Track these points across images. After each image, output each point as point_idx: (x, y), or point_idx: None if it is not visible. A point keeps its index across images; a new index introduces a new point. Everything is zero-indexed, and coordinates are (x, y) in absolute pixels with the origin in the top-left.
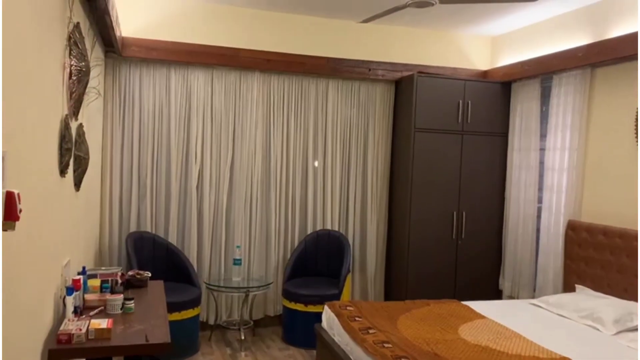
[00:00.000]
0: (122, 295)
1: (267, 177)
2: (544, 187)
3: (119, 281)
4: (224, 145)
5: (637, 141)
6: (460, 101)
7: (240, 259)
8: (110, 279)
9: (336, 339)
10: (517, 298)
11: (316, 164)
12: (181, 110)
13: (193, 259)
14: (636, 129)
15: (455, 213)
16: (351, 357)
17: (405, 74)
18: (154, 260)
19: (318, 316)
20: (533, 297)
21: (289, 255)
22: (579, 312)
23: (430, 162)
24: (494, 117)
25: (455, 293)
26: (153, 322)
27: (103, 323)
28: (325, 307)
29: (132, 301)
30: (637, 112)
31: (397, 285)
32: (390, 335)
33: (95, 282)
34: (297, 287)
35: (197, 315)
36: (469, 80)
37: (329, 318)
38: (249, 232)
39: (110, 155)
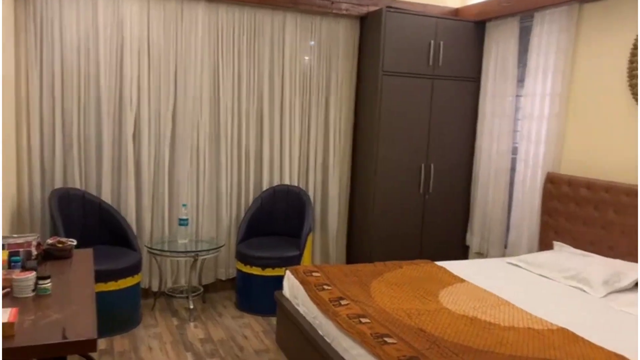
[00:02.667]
0: (34, 273)
1: (216, 126)
2: (520, 137)
3: (34, 252)
4: (165, 89)
5: (630, 87)
6: (432, 42)
7: (186, 219)
8: (21, 250)
9: (301, 309)
10: (487, 255)
11: (259, 113)
12: (112, 46)
13: (131, 220)
14: (629, 72)
15: (423, 166)
16: (320, 332)
17: (372, 8)
18: (84, 222)
19: (277, 280)
20: (504, 255)
21: (242, 214)
22: (563, 273)
23: (399, 110)
24: (466, 60)
25: (421, 250)
26: (75, 308)
27: (4, 314)
28: (287, 273)
29: (49, 280)
30: (634, 48)
31: (361, 244)
32: (366, 306)
33: (1, 255)
34: (252, 248)
35: (138, 284)
36: (441, 18)
37: (292, 286)
38: (196, 188)
39: (27, 100)
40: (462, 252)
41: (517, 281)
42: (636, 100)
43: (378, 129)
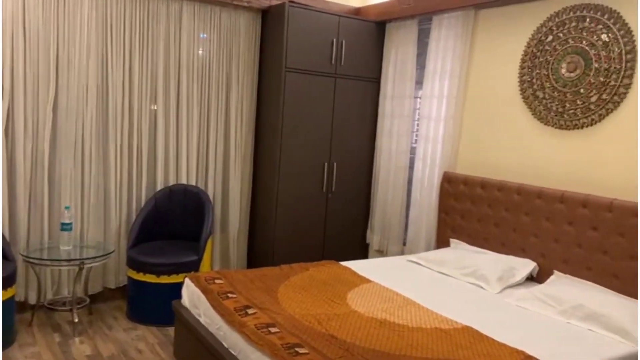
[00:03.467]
0: None
1: (104, 120)
2: (419, 137)
3: None
4: (44, 77)
5: (520, 91)
6: (334, 40)
7: (70, 223)
8: None
9: (203, 320)
10: (386, 252)
11: (154, 107)
12: None
13: (4, 225)
14: (520, 77)
15: (326, 164)
16: (224, 344)
17: (275, 2)
18: None
19: (174, 288)
20: (402, 251)
21: (134, 216)
22: (462, 270)
23: (302, 108)
24: (367, 60)
25: (323, 249)
26: None
27: None
28: (187, 280)
29: None
30: (525, 54)
31: (263, 246)
32: (274, 314)
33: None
34: (145, 254)
35: (12, 297)
36: (343, 16)
37: (192, 294)
38: (80, 188)
39: None
40: (362, 250)
41: (420, 279)
42: (526, 104)
43: (281, 126)
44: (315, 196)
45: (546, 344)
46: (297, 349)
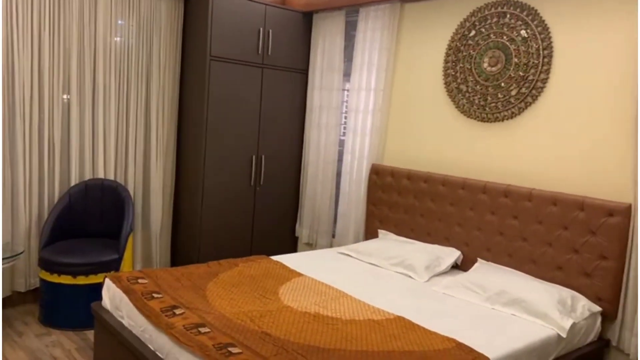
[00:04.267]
0: None
1: (10, 110)
2: (347, 129)
3: None
4: None
5: (445, 84)
6: (261, 29)
7: None
8: None
9: (126, 322)
10: (315, 245)
11: (66, 97)
12: None
13: None
14: (444, 71)
15: (254, 157)
16: (150, 347)
17: None
18: None
19: (93, 289)
20: (331, 244)
21: (46, 214)
22: (390, 260)
23: (228, 98)
24: (295, 51)
25: (252, 244)
26: None
27: None
28: (107, 281)
29: None
30: (449, 48)
31: (188, 242)
32: (204, 313)
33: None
34: (60, 253)
35: None
36: (270, 5)
37: (113, 296)
38: None
39: None
40: (292, 244)
41: (351, 271)
42: (450, 97)
43: (206, 118)
44: (243, 190)
45: (474, 330)
46: (229, 349)
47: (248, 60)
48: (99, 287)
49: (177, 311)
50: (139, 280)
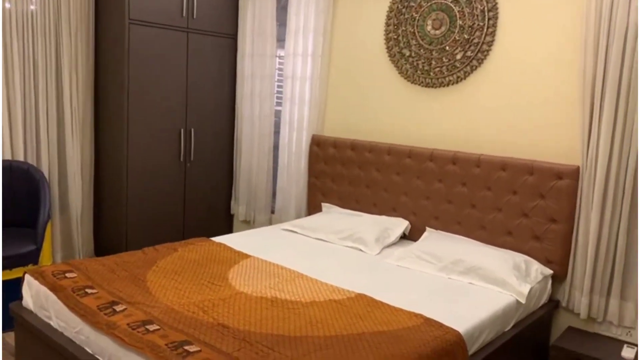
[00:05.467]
0: None
1: None
2: (284, 99)
3: None
4: None
5: (387, 49)
6: None
7: None
8: None
9: (56, 323)
10: (254, 222)
11: None
12: None
13: None
14: (386, 35)
15: (182, 131)
16: (88, 350)
17: None
18: None
19: (9, 286)
20: (270, 221)
21: None
22: (338, 234)
23: (151, 67)
24: (222, 14)
25: (184, 225)
26: None
27: None
28: (27, 277)
29: None
30: (390, 11)
31: (113, 228)
32: (149, 308)
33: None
34: None
35: None
36: None
37: (37, 294)
38: None
39: None
40: (227, 223)
41: (299, 248)
42: (393, 62)
43: (127, 88)
44: (171, 167)
45: (436, 302)
46: (186, 348)
47: (171, 24)
48: (15, 283)
49: (118, 308)
50: (67, 275)
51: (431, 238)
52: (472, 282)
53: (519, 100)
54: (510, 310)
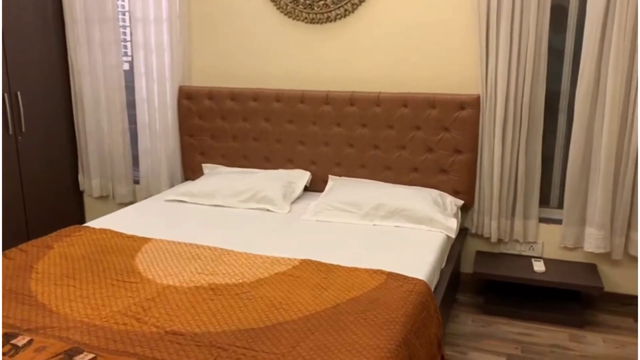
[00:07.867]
0: None
1: None
2: (134, 46)
3: None
4: None
5: None
6: None
7: None
8: None
9: None
10: (114, 197)
11: None
12: None
13: None
14: None
15: (6, 96)
16: None
17: None
18: None
19: None
20: (135, 192)
21: None
22: (238, 197)
23: None
24: None
25: (26, 213)
26: None
27: None
28: None
29: None
30: None
31: None
32: (62, 331)
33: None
34: None
35: None
36: None
37: None
38: None
39: None
40: (77, 202)
41: (202, 220)
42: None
43: None
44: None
45: (379, 253)
46: None
47: None
48: None
49: (18, 341)
50: None
51: (338, 186)
52: (398, 225)
53: (414, 32)
54: (445, 246)
